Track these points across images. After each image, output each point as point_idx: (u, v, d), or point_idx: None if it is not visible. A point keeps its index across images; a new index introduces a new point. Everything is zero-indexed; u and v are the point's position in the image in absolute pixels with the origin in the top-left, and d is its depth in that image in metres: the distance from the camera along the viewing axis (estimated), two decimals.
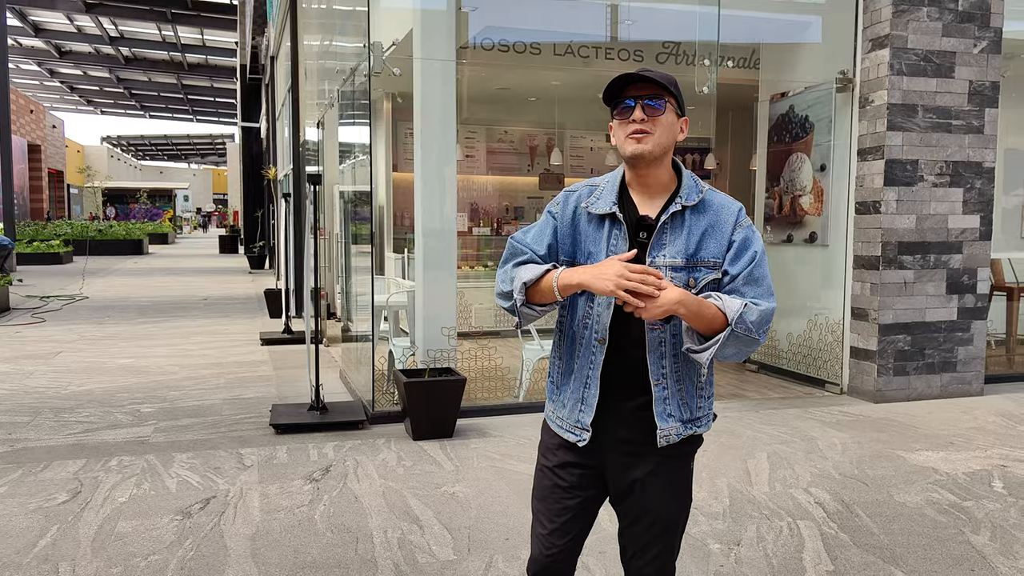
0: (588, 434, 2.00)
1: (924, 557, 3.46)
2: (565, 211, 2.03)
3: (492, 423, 5.59)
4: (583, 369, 2.00)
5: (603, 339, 1.95)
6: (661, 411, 1.96)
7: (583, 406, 2.01)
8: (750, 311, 1.85)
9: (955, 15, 6.14)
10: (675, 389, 1.96)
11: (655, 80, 1.89)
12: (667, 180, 1.98)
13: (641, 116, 1.89)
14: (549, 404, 2.14)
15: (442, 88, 5.79)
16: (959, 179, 6.28)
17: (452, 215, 5.91)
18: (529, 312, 1.97)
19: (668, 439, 1.97)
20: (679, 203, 1.94)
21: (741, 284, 1.92)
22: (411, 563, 3.37)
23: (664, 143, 1.92)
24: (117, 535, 3.63)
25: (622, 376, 1.97)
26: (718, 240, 1.94)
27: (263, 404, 6.15)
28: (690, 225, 1.94)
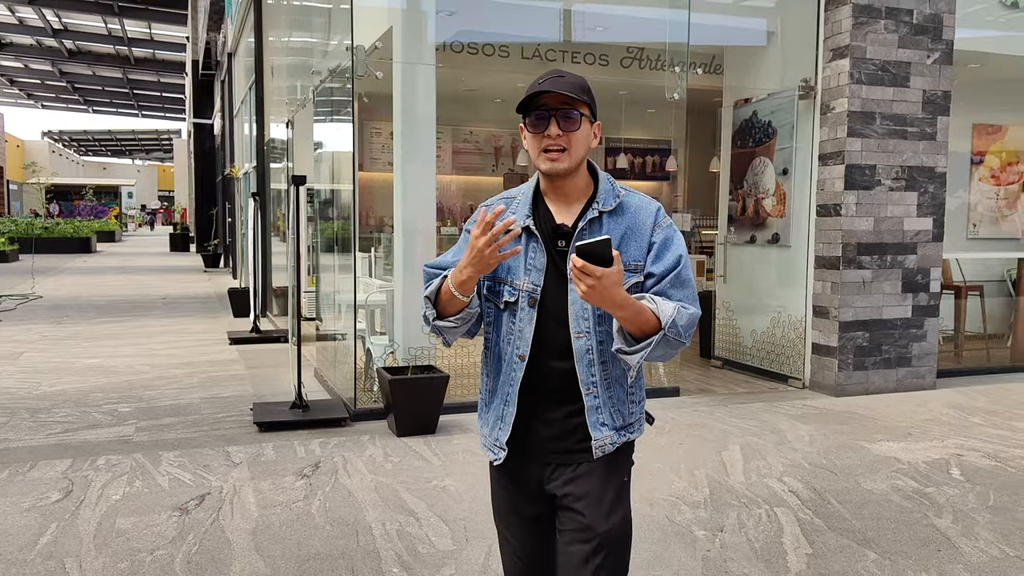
0: (504, 453, 1.96)
1: (893, 539, 3.70)
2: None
3: (472, 419, 5.72)
4: (504, 386, 1.95)
5: (523, 355, 1.90)
6: (594, 420, 1.91)
7: (501, 424, 1.97)
8: (681, 315, 1.79)
9: (910, 27, 6.46)
10: (606, 397, 1.92)
11: (570, 93, 1.81)
12: (584, 186, 1.93)
13: (556, 132, 1.83)
14: (479, 423, 2.10)
15: (422, 91, 5.90)
16: (913, 183, 6.61)
17: (432, 215, 6.02)
18: (447, 325, 1.92)
19: (604, 448, 1.91)
20: (596, 208, 1.89)
21: (668, 286, 1.86)
22: (413, 553, 3.50)
23: (580, 156, 1.87)
24: (118, 531, 3.68)
25: (551, 387, 1.92)
26: (638, 243, 1.89)
27: (241, 403, 6.18)
28: (608, 229, 1.88)
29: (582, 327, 1.88)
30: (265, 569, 3.33)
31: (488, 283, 1.96)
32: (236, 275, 18.15)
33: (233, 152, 17.84)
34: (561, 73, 1.87)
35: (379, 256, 8.60)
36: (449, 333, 1.94)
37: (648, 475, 4.51)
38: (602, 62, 9.27)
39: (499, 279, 1.94)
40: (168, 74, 37.65)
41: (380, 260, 8.55)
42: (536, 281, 1.89)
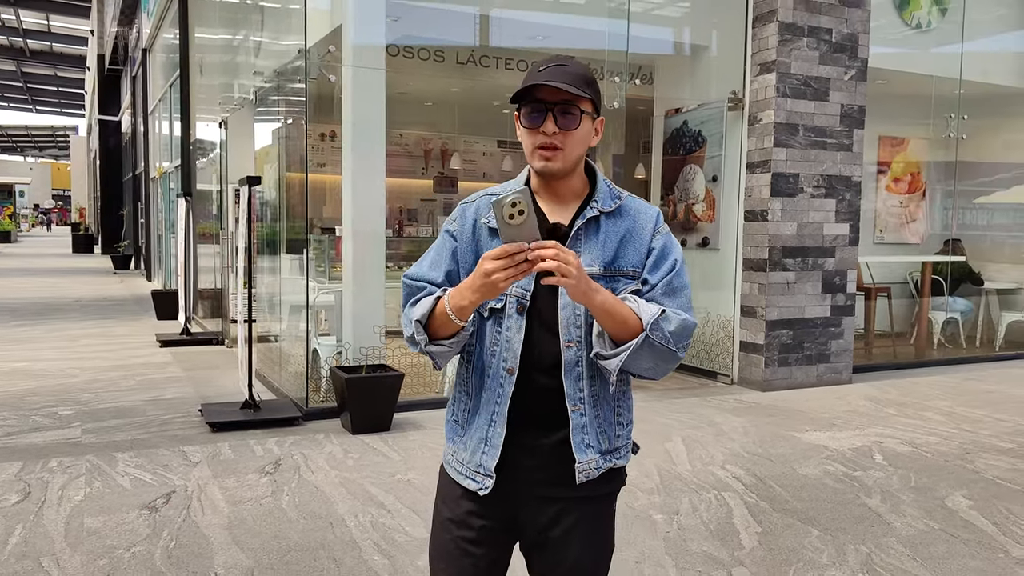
0: (491, 480, 1.74)
1: (832, 517, 4.03)
2: (464, 227, 1.80)
3: (422, 417, 5.85)
4: (489, 404, 1.74)
5: (513, 368, 1.71)
6: (579, 441, 1.73)
7: (486, 447, 1.75)
8: (668, 320, 1.67)
9: (830, 46, 6.93)
10: (592, 415, 1.74)
11: (571, 89, 1.65)
12: (580, 186, 1.79)
13: (553, 128, 1.67)
14: (449, 446, 1.87)
15: (372, 95, 6.00)
16: (832, 191, 7.09)
17: (381, 217, 6.13)
18: (439, 349, 1.72)
19: (588, 473, 1.74)
20: (595, 208, 1.75)
21: (659, 295, 1.75)
22: (390, 542, 3.62)
23: (577, 156, 1.73)
24: (89, 531, 3.67)
25: (537, 409, 1.73)
26: (637, 247, 1.77)
27: (185, 404, 6.13)
28: (606, 232, 1.75)
29: (573, 335, 1.71)
30: (248, 561, 3.40)
31: None
32: (151, 277, 17.64)
33: (148, 151, 17.35)
34: (564, 61, 1.68)
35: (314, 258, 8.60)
36: (442, 357, 1.75)
37: None
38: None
39: None
40: (66, 68, 36.13)
41: (314, 262, 8.55)
42: (525, 286, 1.72)
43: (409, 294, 1.80)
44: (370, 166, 6.03)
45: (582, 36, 7.83)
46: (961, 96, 8.82)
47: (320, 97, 7.30)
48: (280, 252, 7.32)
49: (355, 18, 6.04)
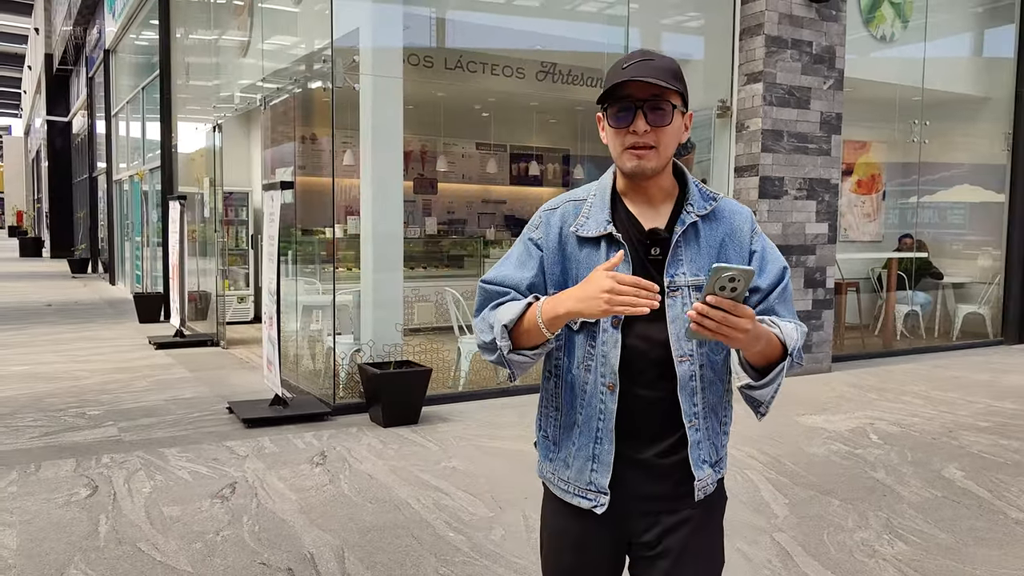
0: (606, 498, 1.68)
1: (847, 489, 4.46)
2: (549, 237, 1.71)
3: (444, 410, 6.14)
4: (590, 421, 1.68)
5: (613, 384, 1.64)
6: (696, 457, 1.67)
7: (596, 464, 1.69)
8: (799, 334, 1.64)
9: (811, 57, 7.42)
10: (705, 429, 1.69)
11: (661, 82, 1.57)
12: (670, 187, 1.71)
13: (644, 127, 1.59)
14: (546, 464, 1.80)
15: (391, 102, 6.26)
16: (813, 193, 7.59)
17: (399, 218, 6.39)
18: (520, 359, 1.65)
19: (705, 490, 1.70)
20: (691, 213, 1.67)
21: (775, 302, 1.70)
22: (459, 520, 3.92)
23: (670, 154, 1.65)
24: (171, 518, 3.89)
25: (638, 422, 1.67)
26: (737, 251, 1.70)
27: (207, 403, 6.30)
28: (706, 237, 1.68)
29: (685, 350, 1.64)
30: (334, 540, 3.66)
31: None
32: (114, 281, 17.45)
33: (111, 153, 17.15)
34: (649, 55, 1.61)
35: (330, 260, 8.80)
36: (520, 367, 1.67)
37: None
38: (519, 75, 9.87)
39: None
40: (1, 66, 35.19)
41: (303, 264, 8.76)
42: None
43: (487, 298, 1.73)
44: (388, 169, 6.29)
45: (578, 43, 8.18)
46: (923, 102, 9.43)
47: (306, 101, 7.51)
48: (290, 254, 7.52)
49: (374, 25, 6.29)
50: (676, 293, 1.64)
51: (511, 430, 5.60)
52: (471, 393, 6.54)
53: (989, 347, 9.69)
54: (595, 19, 7.76)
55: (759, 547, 3.66)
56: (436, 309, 10.08)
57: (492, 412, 6.11)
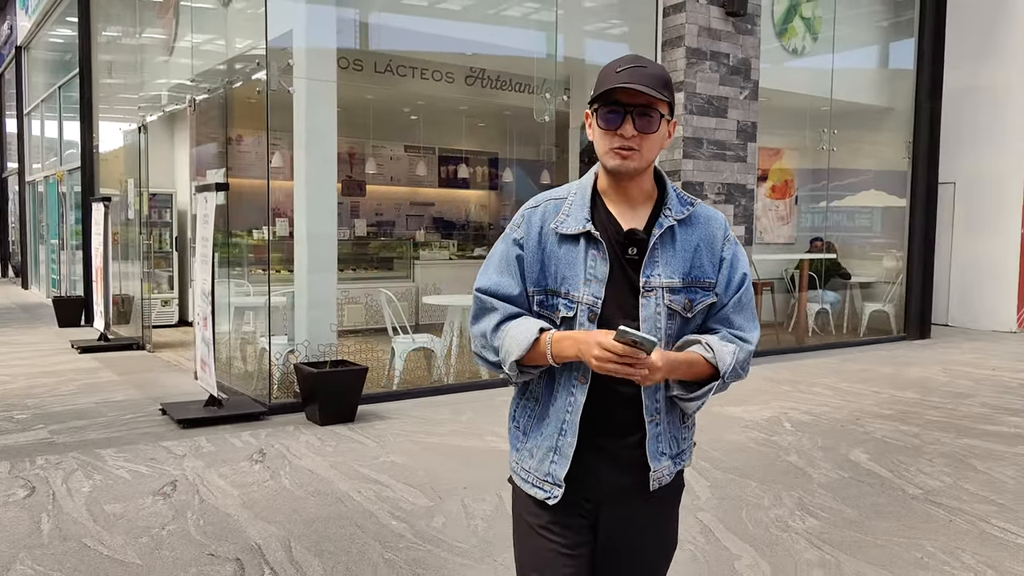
0: (560, 490, 1.76)
1: (764, 472, 4.78)
2: (530, 235, 1.77)
3: (380, 408, 6.26)
4: (559, 413, 1.76)
5: (585, 377, 1.72)
6: (654, 450, 1.76)
7: (556, 456, 1.76)
8: (739, 356, 1.74)
9: (728, 68, 7.82)
10: (666, 423, 1.78)
11: (652, 91, 1.64)
12: (649, 189, 1.77)
13: (632, 131, 1.66)
14: (513, 454, 1.88)
15: (324, 105, 6.35)
16: (731, 197, 7.99)
17: (333, 220, 6.48)
18: (527, 378, 1.78)
19: (660, 480, 1.79)
20: (669, 217, 1.74)
21: (731, 311, 1.79)
22: (400, 509, 4.07)
23: (652, 158, 1.72)
24: (114, 515, 3.93)
25: (613, 416, 1.76)
26: (710, 257, 1.78)
27: (140, 405, 6.28)
28: (682, 241, 1.75)
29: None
30: (280, 531, 3.77)
31: (539, 296, 1.78)
32: (27, 285, 16.89)
33: (22, 153, 16.59)
34: (642, 62, 1.68)
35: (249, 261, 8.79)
36: (521, 377, 1.78)
37: None
38: (448, 79, 10.05)
39: (552, 291, 1.77)
40: None
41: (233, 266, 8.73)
42: (597, 293, 1.72)
43: (483, 308, 1.80)
44: (323, 173, 6.38)
45: (507, 49, 8.40)
46: (831, 112, 10.00)
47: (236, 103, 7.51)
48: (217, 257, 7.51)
49: (307, 28, 6.36)
50: (650, 293, 1.72)
51: (446, 426, 5.77)
52: (405, 392, 6.68)
53: (893, 342, 10.32)
54: (524, 26, 8.00)
55: (684, 525, 3.91)
56: (366, 311, 10.15)
57: (427, 409, 6.26)
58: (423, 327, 9.44)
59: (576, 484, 1.77)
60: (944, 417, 6.20)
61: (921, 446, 5.38)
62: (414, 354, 7.03)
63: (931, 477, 4.72)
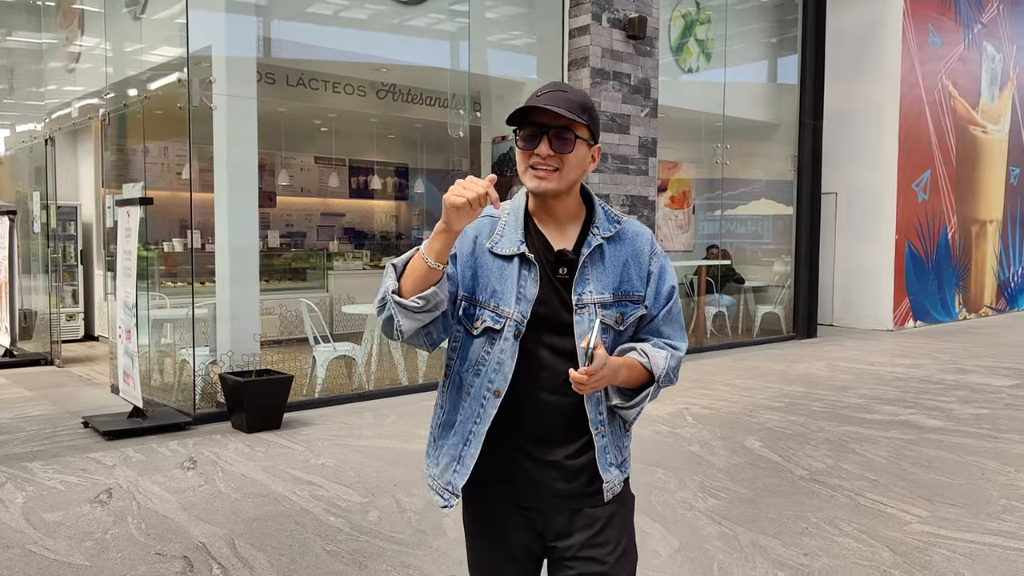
0: (457, 500, 1.80)
1: (669, 460, 5.23)
2: (463, 243, 1.80)
3: (304, 415, 6.44)
4: (466, 423, 1.77)
5: (500, 391, 1.73)
6: (604, 461, 1.79)
7: (457, 466, 1.79)
8: (671, 366, 1.80)
9: (630, 88, 8.34)
10: (610, 432, 1.81)
11: (566, 114, 1.68)
12: (576, 209, 1.82)
13: (547, 151, 1.70)
14: (426, 459, 1.93)
15: (245, 120, 6.50)
16: (634, 208, 8.50)
17: (255, 231, 6.63)
18: (409, 304, 1.65)
19: (613, 490, 1.82)
20: (597, 236, 1.79)
21: (660, 323, 1.84)
22: (335, 506, 4.31)
23: (572, 179, 1.74)
24: (54, 523, 4.02)
25: (545, 425, 1.78)
26: (638, 271, 1.83)
27: (60, 419, 6.26)
28: (610, 258, 1.80)
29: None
30: (221, 531, 3.96)
31: (464, 304, 1.79)
32: None
33: None
34: (563, 87, 1.74)
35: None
36: (408, 317, 1.67)
37: None
38: (360, 93, 10.26)
39: (478, 302, 1.78)
40: None
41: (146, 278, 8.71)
42: (524, 312, 1.74)
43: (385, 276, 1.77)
44: (244, 186, 6.52)
45: (420, 66, 8.68)
46: (724, 127, 10.69)
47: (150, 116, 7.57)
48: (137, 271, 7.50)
49: (228, 43, 6.49)
50: (583, 310, 1.77)
51: (370, 430, 6.01)
52: (328, 399, 6.87)
53: (783, 341, 11.09)
54: (436, 44, 8.30)
55: None
56: (281, 322, 10.23)
57: (350, 415, 6.48)
58: (338, 336, 9.60)
59: (515, 495, 1.81)
60: (827, 408, 6.83)
61: (807, 433, 5.95)
62: (335, 362, 7.22)
63: (815, 460, 5.27)
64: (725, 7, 10.58)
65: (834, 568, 3.59)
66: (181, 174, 11.34)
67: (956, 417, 6.50)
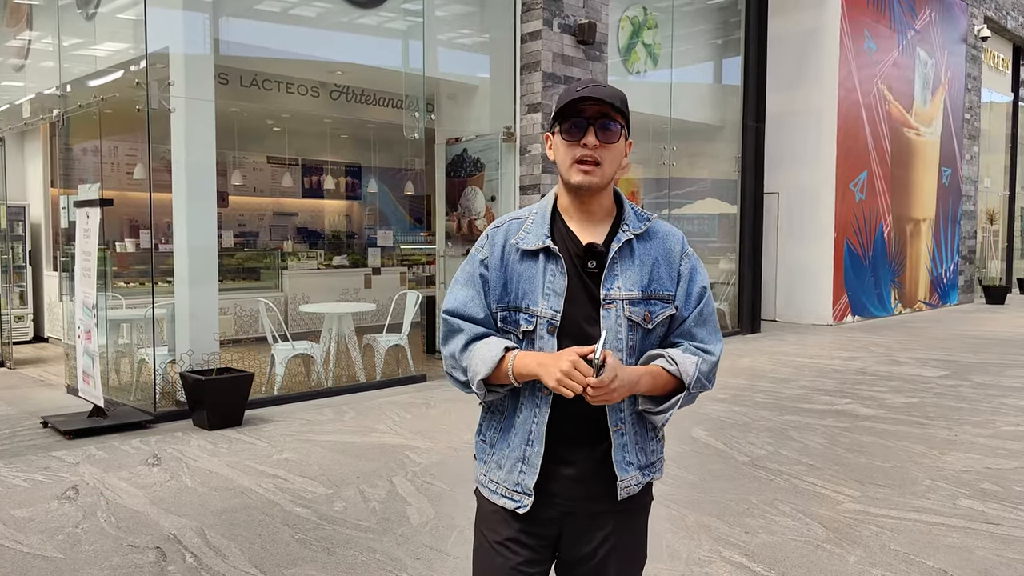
0: (530, 499, 1.80)
1: None
2: (493, 253, 1.83)
3: (265, 412, 6.56)
4: (526, 424, 1.80)
5: (549, 389, 1.74)
6: (620, 459, 1.80)
7: (524, 467, 1.80)
8: (702, 370, 1.78)
9: None
10: (632, 433, 1.81)
11: (612, 102, 1.72)
12: (609, 206, 1.84)
13: (594, 141, 1.72)
14: (480, 467, 1.92)
15: (204, 122, 6.58)
16: None
17: (213, 232, 6.72)
18: (494, 397, 1.83)
19: (629, 490, 1.81)
20: (627, 231, 1.80)
21: (692, 325, 1.83)
22: (301, 498, 4.47)
23: (612, 172, 1.78)
24: (23, 519, 4.11)
25: (574, 426, 1.79)
26: (668, 271, 1.83)
27: (16, 419, 6.28)
28: (640, 255, 1.80)
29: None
30: (191, 523, 4.09)
31: (502, 313, 1.83)
32: None
33: None
34: (599, 83, 1.78)
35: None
36: (492, 394, 1.83)
37: (442, 431, 5.86)
38: (313, 94, 10.36)
39: (514, 307, 1.82)
40: None
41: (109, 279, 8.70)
42: (555, 307, 1.77)
43: (451, 330, 1.85)
44: (203, 187, 6.60)
45: (373, 66, 8.82)
46: (671, 128, 11.04)
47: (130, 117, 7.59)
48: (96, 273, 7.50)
49: (186, 52, 6.57)
50: (611, 306, 1.78)
51: (331, 425, 6.16)
52: (287, 396, 6.99)
53: (729, 336, 11.47)
54: (391, 45, 8.45)
55: None
56: (236, 321, 10.27)
57: (310, 411, 6.61)
58: (295, 335, 9.68)
59: (540, 497, 1.82)
60: (769, 399, 7.18)
61: (749, 423, 6.27)
62: (293, 360, 7.34)
63: (757, 447, 5.58)
64: (671, 9, 10.92)
65: (772, 544, 3.88)
66: (132, 174, 11.29)
67: (888, 406, 6.90)
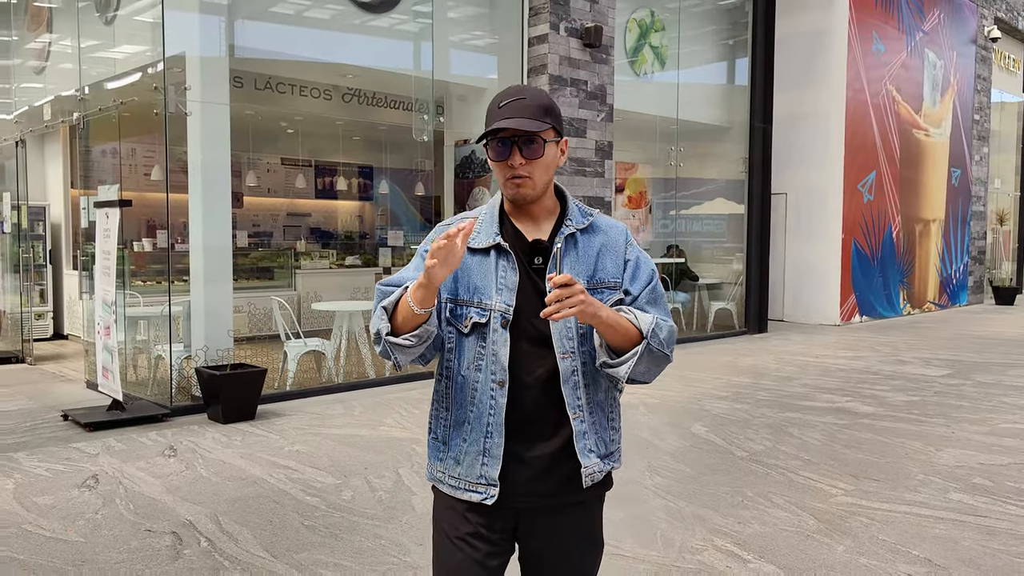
0: (495, 489, 1.81)
1: (625, 446, 5.60)
2: None
3: (277, 407, 6.75)
4: (481, 417, 1.81)
5: (503, 380, 1.78)
6: (583, 447, 1.81)
7: (487, 458, 1.81)
8: (660, 327, 1.79)
9: (586, 94, 8.75)
10: (590, 422, 1.84)
11: (528, 128, 1.75)
12: (551, 206, 1.90)
13: (520, 160, 1.78)
14: (435, 464, 1.93)
15: (219, 125, 6.78)
16: None
17: (228, 231, 6.91)
18: (402, 343, 1.76)
19: (593, 477, 1.83)
20: (571, 226, 1.86)
21: (644, 303, 1.86)
22: (311, 487, 4.64)
23: (546, 181, 1.83)
24: (46, 506, 4.30)
25: (525, 419, 1.81)
26: (614, 260, 1.87)
27: (38, 413, 6.49)
28: (584, 247, 1.86)
29: (567, 347, 1.80)
30: (206, 510, 4.27)
31: (450, 306, 1.86)
32: None
33: None
34: (522, 93, 1.81)
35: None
36: (402, 352, 1.80)
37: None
38: (326, 96, 10.55)
39: (462, 301, 1.85)
40: None
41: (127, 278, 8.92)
42: (508, 301, 1.80)
43: (381, 296, 1.85)
44: (218, 188, 6.80)
45: (384, 70, 8.99)
46: (678, 129, 11.17)
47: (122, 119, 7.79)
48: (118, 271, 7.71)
49: (202, 55, 6.76)
50: None
51: (341, 419, 6.33)
52: (299, 391, 7.17)
53: (735, 336, 11.60)
54: (401, 51, 8.62)
55: None
56: (249, 319, 10.48)
57: (320, 406, 6.80)
58: (307, 332, 9.88)
59: (501, 487, 1.83)
60: (771, 397, 7.30)
61: (750, 419, 6.40)
62: (305, 357, 7.52)
63: (755, 443, 5.72)
64: (679, 10, 11.05)
65: (764, 534, 4.02)
66: (149, 175, 11.53)
67: (888, 404, 7.01)
